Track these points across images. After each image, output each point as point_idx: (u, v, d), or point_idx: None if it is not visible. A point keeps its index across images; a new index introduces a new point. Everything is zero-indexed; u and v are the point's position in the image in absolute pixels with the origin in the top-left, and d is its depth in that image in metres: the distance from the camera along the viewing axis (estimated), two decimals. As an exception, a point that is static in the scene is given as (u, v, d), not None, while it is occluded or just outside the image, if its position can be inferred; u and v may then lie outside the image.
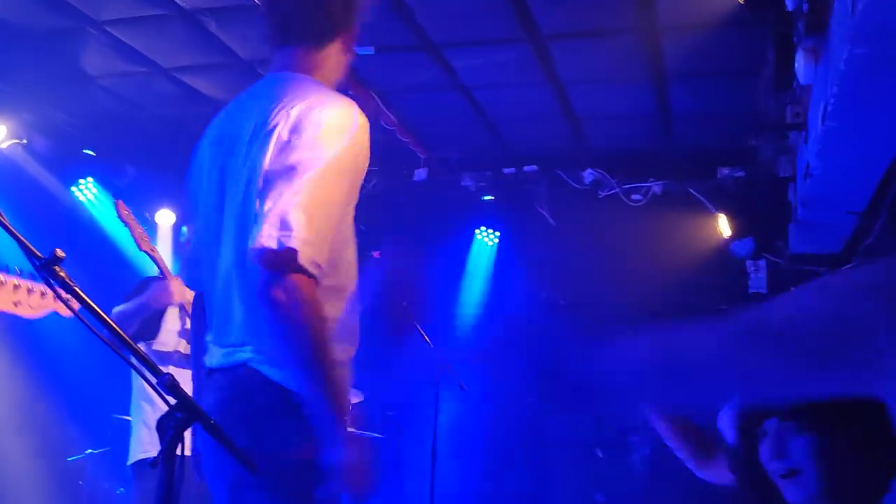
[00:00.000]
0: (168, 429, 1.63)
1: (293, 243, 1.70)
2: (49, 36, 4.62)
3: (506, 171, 6.11)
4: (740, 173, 5.62)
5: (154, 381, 1.66)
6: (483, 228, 6.30)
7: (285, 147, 1.80)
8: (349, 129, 1.90)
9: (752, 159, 5.29)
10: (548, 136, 5.73)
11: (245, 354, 1.90)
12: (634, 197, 5.83)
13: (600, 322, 6.09)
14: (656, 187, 5.80)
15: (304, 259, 1.70)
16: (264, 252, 1.70)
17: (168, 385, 1.63)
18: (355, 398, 5.13)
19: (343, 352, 2.00)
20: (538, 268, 6.12)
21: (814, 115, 3.37)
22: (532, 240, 6.17)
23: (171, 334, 3.55)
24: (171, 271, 3.57)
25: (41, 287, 2.24)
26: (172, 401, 1.65)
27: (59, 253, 1.61)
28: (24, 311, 2.20)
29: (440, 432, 4.05)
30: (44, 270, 1.60)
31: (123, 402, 3.81)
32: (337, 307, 1.92)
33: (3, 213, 1.63)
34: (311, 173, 1.77)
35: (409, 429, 4.42)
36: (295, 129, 1.81)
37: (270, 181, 1.78)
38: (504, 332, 6.12)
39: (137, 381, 3.62)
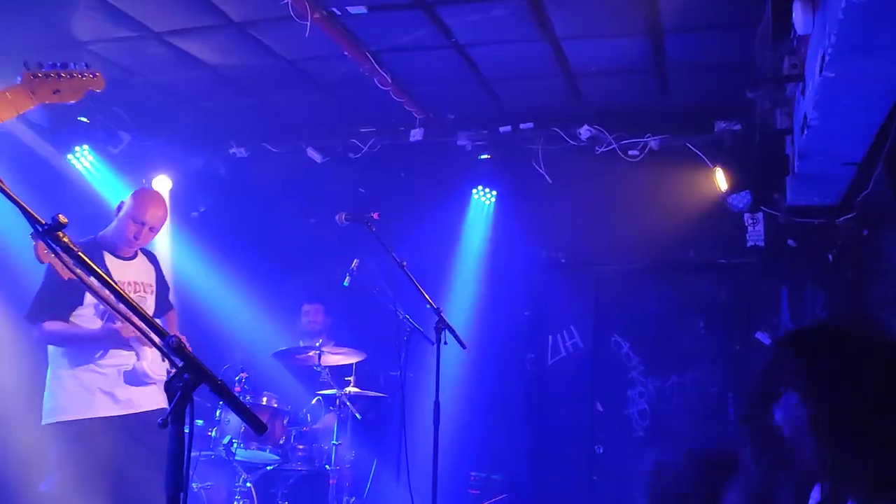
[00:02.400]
0: (176, 390, 1.66)
1: None
2: (38, 1, 4.56)
3: (502, 129, 6.09)
4: (737, 126, 5.60)
5: (160, 342, 1.69)
6: (480, 187, 6.29)
7: None
8: None
9: (748, 112, 5.27)
10: (544, 93, 5.70)
11: None
12: (631, 152, 5.82)
13: (600, 279, 6.13)
14: (653, 142, 5.79)
15: None
16: None
17: (175, 347, 1.66)
18: (357, 357, 5.19)
19: None
20: (536, 226, 6.14)
21: (811, 65, 3.35)
22: (529, 198, 6.17)
23: (90, 307, 3.59)
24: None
25: (71, 71, 2.30)
26: (179, 362, 1.68)
27: (62, 219, 1.62)
28: (67, 97, 2.28)
29: (442, 390, 4.10)
30: (47, 236, 1.61)
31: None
32: None
33: (3, 181, 1.64)
34: None
35: (411, 388, 4.47)
36: None
37: None
38: (503, 291, 6.16)
39: (56, 350, 3.62)
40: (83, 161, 6.27)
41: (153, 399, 3.67)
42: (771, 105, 4.67)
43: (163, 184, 6.45)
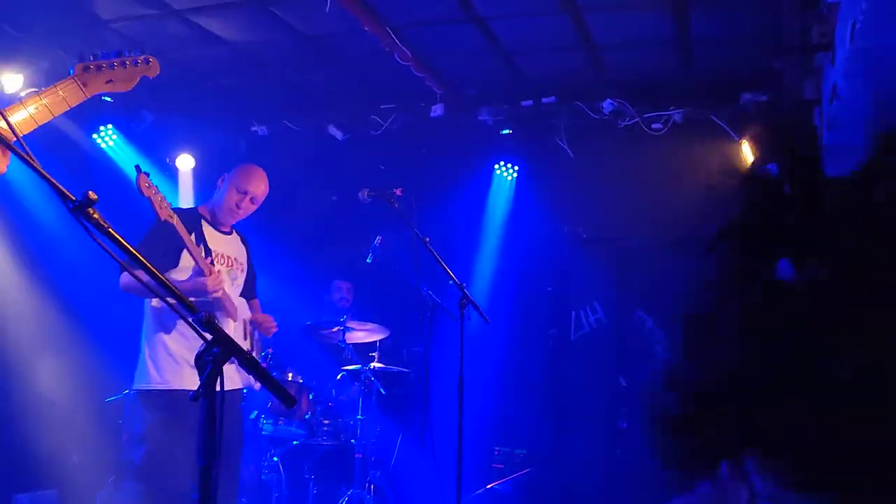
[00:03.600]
0: (206, 363, 1.68)
1: None
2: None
3: (524, 103, 6.04)
4: (763, 98, 5.52)
5: (191, 318, 1.70)
6: (502, 163, 6.26)
7: None
8: None
9: (775, 83, 5.18)
10: (566, 66, 5.64)
11: None
12: (655, 126, 5.75)
13: (623, 254, 6.10)
14: (677, 115, 5.72)
15: None
16: None
17: (205, 322, 1.67)
18: (381, 334, 5.22)
19: None
20: (558, 201, 6.11)
21: (841, 33, 3.28)
22: (552, 173, 6.14)
23: (185, 272, 3.58)
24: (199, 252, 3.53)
25: (122, 59, 2.30)
26: (209, 337, 1.70)
27: (92, 195, 1.63)
28: (120, 87, 2.29)
29: (465, 366, 4.11)
30: (77, 212, 1.63)
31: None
32: None
33: (34, 158, 1.66)
34: None
35: (434, 363, 4.48)
36: None
37: None
38: (525, 267, 6.15)
39: (150, 312, 3.65)
40: (108, 140, 6.32)
41: (235, 378, 3.67)
42: (798, 75, 4.59)
43: (186, 162, 6.49)
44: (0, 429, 4.80)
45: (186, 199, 6.61)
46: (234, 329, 3.72)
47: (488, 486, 5.18)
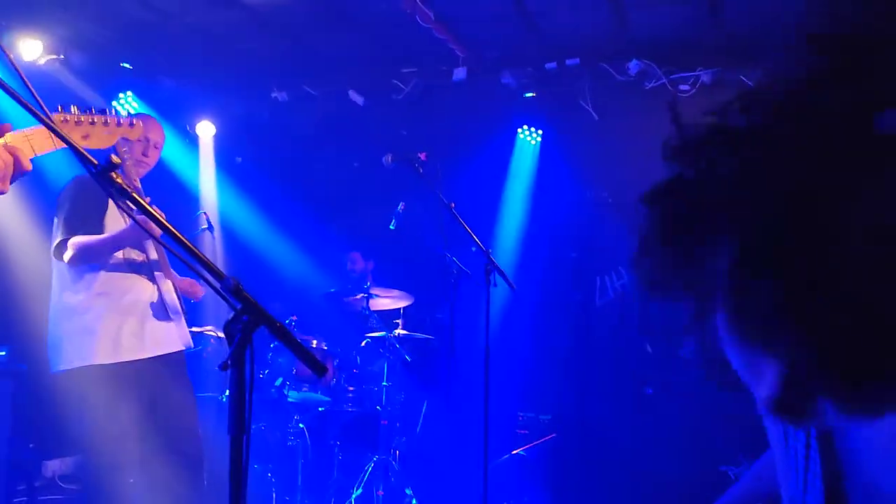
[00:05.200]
0: (236, 332, 1.64)
1: None
2: (75, -56, 4.51)
3: (547, 66, 5.90)
4: (795, 56, 5.35)
5: (217, 285, 1.66)
6: (525, 127, 6.16)
7: None
8: None
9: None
10: (590, 26, 5.49)
11: None
12: (682, 87, 5.61)
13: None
14: (705, 76, 5.57)
15: None
16: None
17: (233, 289, 1.63)
18: (405, 301, 5.19)
19: None
20: (583, 165, 6.01)
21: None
22: (576, 136, 6.03)
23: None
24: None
25: (104, 117, 2.28)
26: (237, 305, 1.65)
27: (115, 159, 1.59)
28: (96, 143, 2.25)
29: (490, 331, 4.07)
30: (101, 177, 1.58)
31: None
32: None
33: (56, 123, 1.61)
34: None
35: (459, 330, 4.44)
36: None
37: None
38: (550, 232, 6.08)
39: (71, 281, 3.47)
40: (127, 108, 6.28)
41: (177, 338, 3.61)
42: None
43: (206, 129, 6.45)
44: (27, 393, 4.84)
45: (207, 166, 6.58)
46: (171, 289, 3.63)
47: (513, 452, 5.18)
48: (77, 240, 3.36)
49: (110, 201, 3.46)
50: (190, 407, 3.65)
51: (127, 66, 6.10)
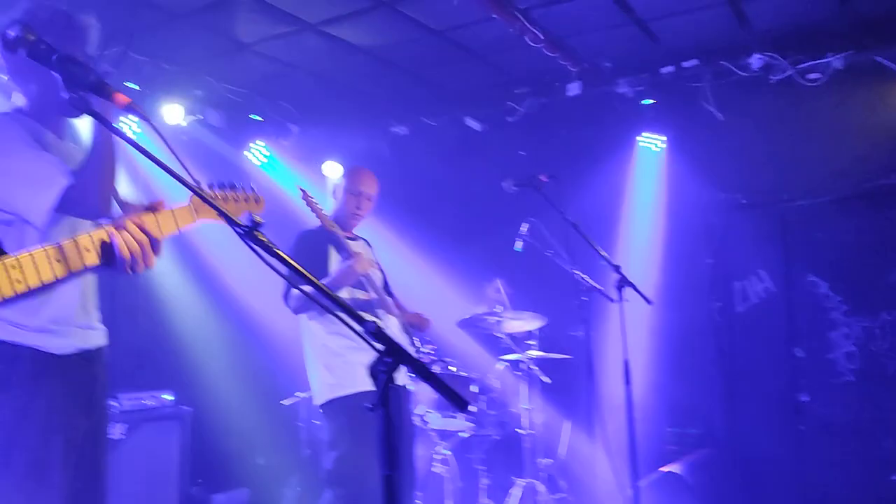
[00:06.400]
0: (380, 373, 1.70)
1: None
2: (203, 11, 4.84)
3: (664, 70, 5.77)
4: (937, 29, 4.97)
5: (360, 329, 1.73)
6: (646, 134, 6.03)
7: None
8: None
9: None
10: (706, 24, 5.32)
11: None
12: (811, 76, 5.32)
13: (787, 216, 5.72)
14: (836, 61, 5.26)
15: None
16: None
17: (374, 332, 1.70)
18: (537, 321, 5.17)
19: None
20: (711, 167, 5.79)
21: None
22: (701, 138, 5.83)
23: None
24: (350, 247, 3.70)
25: (239, 194, 2.46)
26: (380, 347, 1.72)
27: (258, 219, 1.69)
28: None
29: (628, 346, 3.99)
30: (248, 237, 1.69)
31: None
32: None
33: (205, 190, 1.74)
34: None
35: (595, 347, 4.39)
36: None
37: None
38: (682, 239, 5.90)
39: (310, 326, 3.79)
40: (258, 156, 6.66)
41: (400, 374, 3.79)
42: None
43: (333, 169, 6.72)
44: (192, 433, 5.19)
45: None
46: (395, 325, 3.82)
47: (662, 469, 5.02)
48: (293, 294, 3.64)
49: (331, 250, 3.76)
50: (408, 440, 3.79)
51: (257, 117, 6.47)
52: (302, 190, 3.68)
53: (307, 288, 1.84)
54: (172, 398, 5.16)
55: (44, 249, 1.74)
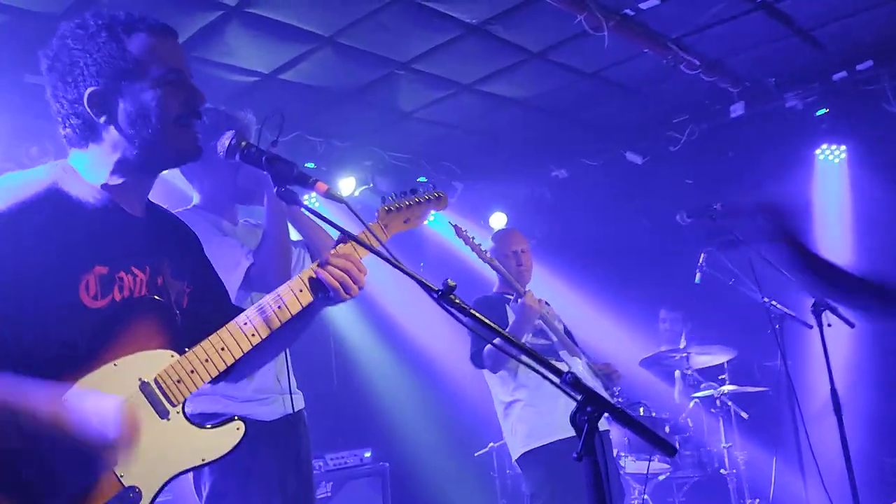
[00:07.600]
0: (582, 423, 1.72)
1: None
2: (367, 88, 5.18)
3: (836, 76, 5.45)
4: None
5: (557, 380, 1.77)
6: (824, 146, 5.69)
7: None
8: None
9: None
10: (876, 23, 4.99)
11: None
12: None
13: None
14: None
15: None
16: None
17: (572, 383, 1.73)
18: (726, 354, 4.96)
19: None
20: (902, 172, 5.36)
21: None
22: (887, 143, 5.42)
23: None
24: (513, 280, 3.77)
25: (422, 196, 2.58)
26: (579, 396, 1.74)
27: (451, 283, 1.79)
28: (414, 223, 2.57)
29: (833, 374, 3.72)
30: (442, 300, 1.79)
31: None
32: None
33: (400, 261, 1.87)
34: None
35: (796, 376, 4.12)
36: None
37: None
38: (879, 254, 5.46)
39: (498, 380, 3.84)
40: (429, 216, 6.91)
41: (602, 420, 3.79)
42: None
43: (499, 220, 6.85)
44: (392, 488, 5.38)
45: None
46: (580, 365, 3.80)
47: (891, 505, 4.59)
48: (486, 349, 3.77)
49: (508, 310, 3.90)
50: (614, 483, 3.80)
51: (423, 180, 6.75)
52: (455, 227, 3.79)
53: (498, 341, 1.90)
54: (370, 454, 5.39)
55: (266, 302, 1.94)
